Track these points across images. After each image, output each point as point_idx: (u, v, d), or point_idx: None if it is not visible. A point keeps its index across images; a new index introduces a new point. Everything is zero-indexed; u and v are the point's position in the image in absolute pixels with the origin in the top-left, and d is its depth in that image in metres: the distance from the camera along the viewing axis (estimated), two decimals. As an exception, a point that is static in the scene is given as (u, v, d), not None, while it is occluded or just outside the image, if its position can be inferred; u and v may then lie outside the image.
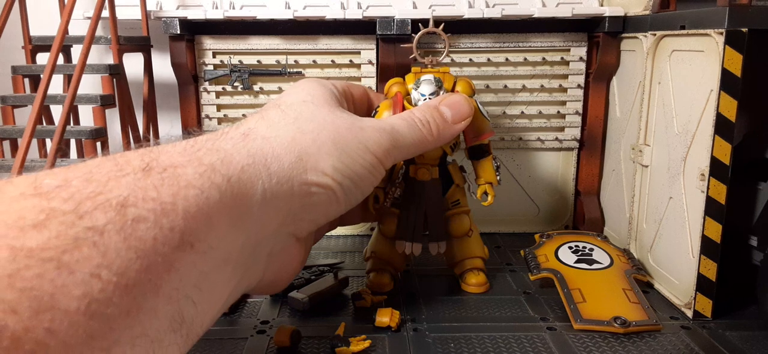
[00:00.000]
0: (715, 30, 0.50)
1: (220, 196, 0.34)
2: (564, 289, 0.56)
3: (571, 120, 0.76)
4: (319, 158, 0.42)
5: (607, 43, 0.71)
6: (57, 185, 0.28)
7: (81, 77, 0.65)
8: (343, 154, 0.43)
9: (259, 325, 0.53)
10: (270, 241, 0.40)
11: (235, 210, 0.35)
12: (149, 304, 0.28)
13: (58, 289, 0.24)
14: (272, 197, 0.38)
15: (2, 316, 0.23)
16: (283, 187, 0.39)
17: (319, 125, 0.43)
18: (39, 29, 0.74)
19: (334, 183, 0.42)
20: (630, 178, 0.68)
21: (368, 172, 0.45)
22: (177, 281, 0.30)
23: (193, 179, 0.33)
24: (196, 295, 0.32)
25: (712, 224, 0.52)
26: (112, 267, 0.27)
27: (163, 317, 0.29)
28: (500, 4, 0.73)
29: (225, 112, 0.75)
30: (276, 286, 0.46)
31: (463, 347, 0.49)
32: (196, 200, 0.32)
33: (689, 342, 0.49)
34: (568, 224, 0.80)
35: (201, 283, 0.32)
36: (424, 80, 0.55)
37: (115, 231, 0.27)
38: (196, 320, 0.33)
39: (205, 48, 0.73)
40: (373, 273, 0.60)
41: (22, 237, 0.25)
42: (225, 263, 0.35)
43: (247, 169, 0.37)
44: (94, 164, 0.31)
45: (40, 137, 0.70)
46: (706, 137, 0.51)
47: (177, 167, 0.33)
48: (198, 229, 0.32)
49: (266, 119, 0.43)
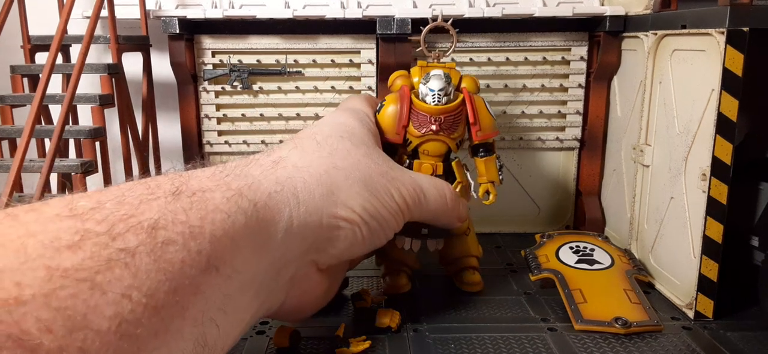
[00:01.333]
0: (717, 29, 0.50)
1: (246, 221, 0.35)
2: (565, 289, 0.56)
3: (571, 120, 0.76)
4: (349, 195, 0.43)
5: (608, 43, 0.71)
6: (91, 207, 0.29)
7: (80, 77, 0.65)
8: (372, 196, 0.44)
9: (258, 326, 0.53)
10: (292, 267, 0.41)
11: (260, 235, 0.36)
12: (176, 326, 0.29)
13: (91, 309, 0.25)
14: (299, 225, 0.39)
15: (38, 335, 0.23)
16: (312, 217, 0.40)
17: (353, 164, 0.45)
18: (38, 28, 0.74)
19: (361, 220, 0.43)
20: (631, 178, 0.68)
21: (393, 218, 0.47)
22: (203, 304, 0.31)
23: (220, 203, 0.34)
24: (220, 318, 0.33)
25: (714, 224, 0.52)
26: (142, 288, 0.27)
27: (189, 339, 0.30)
28: (501, 4, 0.73)
29: (224, 112, 0.75)
30: (299, 313, 0.47)
31: (463, 348, 0.48)
32: (222, 224, 0.33)
33: (690, 342, 0.49)
34: (569, 224, 0.79)
35: (225, 306, 0.33)
36: (433, 75, 0.55)
37: (146, 253, 0.28)
38: (219, 343, 0.33)
39: (204, 47, 0.73)
40: (388, 276, 0.59)
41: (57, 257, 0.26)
42: (248, 287, 0.35)
43: (274, 195, 0.38)
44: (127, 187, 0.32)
45: (38, 137, 0.70)
46: (708, 137, 0.51)
47: (205, 191, 0.34)
48: (224, 253, 0.33)
49: (300, 149, 0.44)
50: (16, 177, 0.59)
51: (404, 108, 0.54)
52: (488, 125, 0.56)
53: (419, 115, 0.54)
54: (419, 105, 0.54)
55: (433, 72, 0.55)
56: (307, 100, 0.75)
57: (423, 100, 0.54)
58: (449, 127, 0.54)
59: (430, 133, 0.54)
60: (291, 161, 0.42)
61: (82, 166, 0.64)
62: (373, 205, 0.44)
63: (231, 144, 0.76)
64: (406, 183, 0.48)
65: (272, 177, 0.39)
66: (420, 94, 0.55)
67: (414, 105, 0.54)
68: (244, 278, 0.35)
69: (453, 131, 0.55)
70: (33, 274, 0.24)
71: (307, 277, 0.43)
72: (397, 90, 0.57)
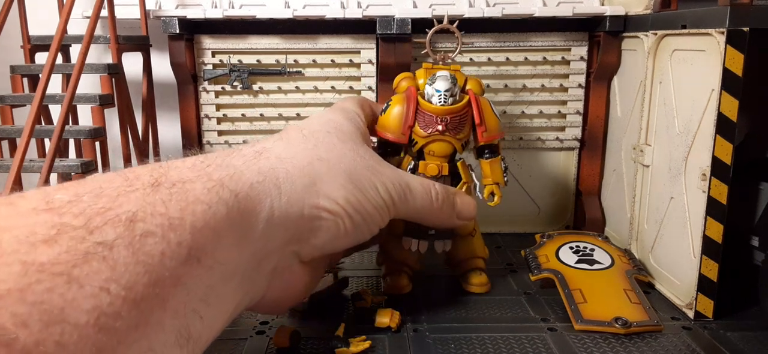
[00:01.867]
0: (717, 29, 0.50)
1: (228, 211, 0.34)
2: (565, 289, 0.56)
3: (571, 120, 0.76)
4: (333, 187, 0.43)
5: (608, 43, 0.71)
6: (68, 200, 0.28)
7: (80, 77, 0.65)
8: (356, 189, 0.44)
9: (258, 326, 0.53)
10: (274, 258, 0.40)
11: (242, 226, 0.36)
12: (156, 318, 0.29)
13: (68, 303, 0.25)
14: (280, 216, 0.39)
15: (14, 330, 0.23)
16: (293, 207, 0.40)
17: (338, 157, 0.45)
18: (38, 28, 0.74)
19: (343, 212, 0.43)
20: (631, 178, 0.68)
21: (377, 212, 0.46)
22: (184, 295, 0.31)
23: (201, 194, 0.33)
24: (203, 309, 0.33)
25: (714, 224, 0.52)
26: (120, 281, 0.27)
27: (170, 331, 0.30)
28: (501, 3, 0.73)
29: (224, 112, 0.75)
30: (279, 306, 0.46)
31: (463, 348, 0.48)
32: (203, 215, 0.33)
33: (690, 342, 0.49)
34: (569, 224, 0.79)
35: (208, 297, 0.33)
36: (439, 76, 0.55)
37: (124, 246, 0.28)
38: (203, 334, 0.33)
39: (204, 47, 0.73)
40: (389, 276, 0.59)
41: (33, 252, 0.25)
42: (231, 277, 0.35)
43: (256, 186, 0.38)
44: (105, 179, 0.32)
45: (38, 137, 0.70)
46: (708, 137, 0.51)
47: (186, 182, 0.34)
48: (205, 244, 0.32)
49: (285, 140, 0.44)
50: (16, 177, 0.59)
51: (410, 108, 0.55)
52: (494, 126, 0.56)
53: (425, 115, 0.54)
54: (425, 105, 0.55)
55: (438, 73, 0.55)
56: (307, 100, 0.75)
57: (429, 100, 0.55)
58: (455, 127, 0.55)
59: (436, 133, 0.54)
60: (274, 152, 0.42)
61: (82, 166, 0.64)
62: (356, 198, 0.44)
63: (231, 144, 0.76)
64: (393, 179, 0.48)
65: (255, 167, 0.39)
66: (426, 95, 0.55)
67: (420, 106, 0.55)
68: (227, 269, 0.34)
69: (459, 132, 0.55)
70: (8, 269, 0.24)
71: (290, 269, 0.43)
72: (403, 91, 0.57)
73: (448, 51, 0.61)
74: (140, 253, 0.28)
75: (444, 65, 0.58)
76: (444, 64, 0.59)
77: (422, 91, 0.56)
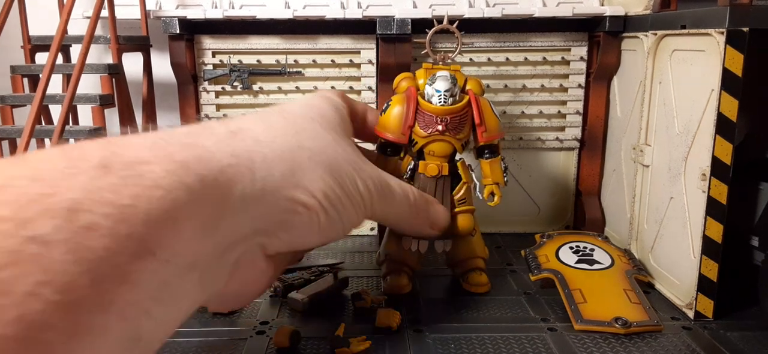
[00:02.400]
0: (716, 29, 0.50)
1: (190, 197, 0.30)
2: (565, 289, 0.56)
3: (571, 120, 0.76)
4: (312, 179, 0.39)
5: (607, 43, 0.71)
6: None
7: (80, 77, 0.65)
8: (335, 184, 0.41)
9: (258, 326, 0.53)
10: (238, 249, 0.36)
11: (207, 212, 0.32)
12: (98, 323, 0.25)
13: None
14: (252, 202, 0.35)
15: None
16: (267, 196, 0.36)
17: (320, 147, 0.42)
18: (38, 29, 0.74)
19: (320, 207, 0.40)
20: (631, 178, 0.68)
21: (354, 210, 0.43)
22: (133, 294, 0.27)
23: (159, 178, 0.29)
24: (155, 309, 0.28)
25: (714, 224, 0.52)
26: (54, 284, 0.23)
27: (116, 336, 0.26)
28: (500, 4, 0.73)
29: (224, 112, 0.75)
30: (238, 300, 0.43)
31: (463, 348, 0.48)
32: (160, 203, 0.28)
33: (690, 342, 0.49)
34: (569, 224, 0.79)
35: (161, 295, 0.29)
36: (439, 76, 0.55)
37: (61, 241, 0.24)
38: (156, 335, 0.30)
39: (204, 47, 0.73)
40: (389, 276, 0.59)
41: None
42: (190, 270, 0.31)
43: (227, 170, 0.34)
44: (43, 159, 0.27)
45: (39, 137, 0.70)
46: (707, 137, 0.51)
47: (142, 164, 0.29)
48: (161, 235, 0.28)
49: (265, 122, 0.40)
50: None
51: (411, 108, 0.55)
52: (494, 127, 0.56)
53: (425, 115, 0.55)
54: (425, 105, 0.55)
55: (439, 73, 0.56)
56: (307, 101, 0.75)
57: (429, 101, 0.55)
58: (455, 127, 0.55)
59: (436, 133, 0.54)
60: (252, 134, 0.38)
61: (83, 166, 0.64)
62: (335, 193, 0.41)
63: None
64: (373, 176, 0.46)
65: (228, 149, 0.35)
66: (426, 95, 0.55)
67: (420, 106, 0.55)
68: (185, 261, 0.30)
69: (458, 132, 0.55)
70: None
71: (252, 263, 0.39)
72: (403, 91, 0.57)
73: (448, 51, 0.61)
74: (81, 250, 0.24)
75: (444, 65, 0.58)
76: (444, 65, 0.59)
77: (422, 92, 0.56)
